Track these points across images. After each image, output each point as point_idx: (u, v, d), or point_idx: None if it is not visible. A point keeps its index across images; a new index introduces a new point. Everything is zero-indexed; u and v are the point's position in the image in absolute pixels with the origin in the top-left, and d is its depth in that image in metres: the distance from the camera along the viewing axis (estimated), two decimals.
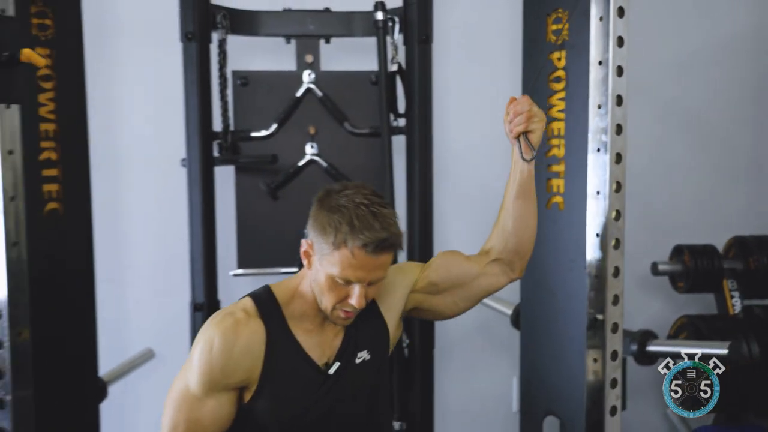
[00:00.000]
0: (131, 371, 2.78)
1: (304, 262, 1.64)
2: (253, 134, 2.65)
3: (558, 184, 2.33)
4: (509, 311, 2.81)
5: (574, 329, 2.23)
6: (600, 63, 2.09)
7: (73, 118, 2.19)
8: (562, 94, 2.30)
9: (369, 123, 2.71)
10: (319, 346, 1.68)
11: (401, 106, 2.69)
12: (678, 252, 2.94)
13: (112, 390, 2.56)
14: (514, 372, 3.23)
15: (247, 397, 1.62)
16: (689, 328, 2.78)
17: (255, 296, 1.68)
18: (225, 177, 2.75)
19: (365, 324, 1.73)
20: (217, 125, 2.63)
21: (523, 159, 1.69)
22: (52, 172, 2.11)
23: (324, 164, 2.68)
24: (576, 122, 2.19)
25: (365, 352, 1.71)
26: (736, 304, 2.84)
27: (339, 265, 1.55)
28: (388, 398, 1.84)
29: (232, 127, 2.64)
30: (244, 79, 2.70)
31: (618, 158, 2.08)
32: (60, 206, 2.13)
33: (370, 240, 1.52)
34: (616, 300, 2.10)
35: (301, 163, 2.67)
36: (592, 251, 2.18)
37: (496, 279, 1.81)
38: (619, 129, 2.08)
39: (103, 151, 2.52)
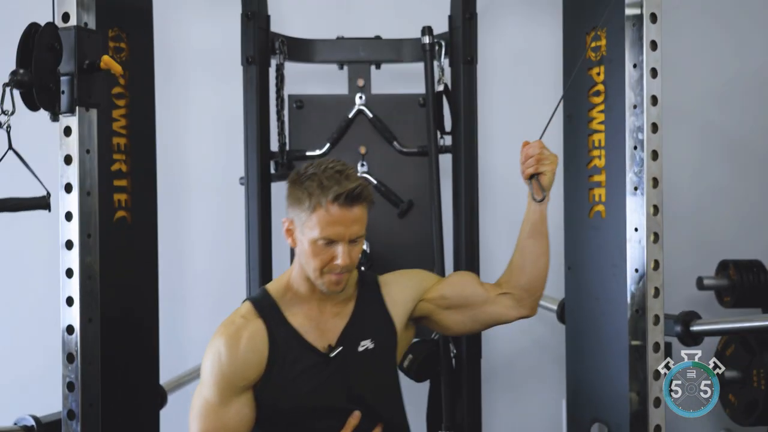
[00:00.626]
0: (190, 382, 2.90)
1: (288, 240, 1.79)
2: (308, 153, 2.80)
3: (599, 193, 2.40)
4: (554, 306, 2.87)
5: (617, 330, 2.28)
6: (635, 66, 2.20)
7: (143, 134, 2.34)
8: (601, 107, 2.40)
9: (417, 143, 2.85)
10: (320, 330, 1.80)
11: (448, 127, 2.83)
12: (723, 267, 2.97)
13: (171, 401, 2.66)
14: (563, 394, 3.27)
15: (257, 388, 1.75)
16: (737, 341, 2.80)
17: (252, 299, 1.85)
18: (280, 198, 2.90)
19: (369, 314, 1.85)
20: (274, 146, 2.80)
21: (534, 199, 1.82)
22: (122, 182, 2.25)
23: (374, 182, 2.81)
24: (615, 129, 2.28)
25: (369, 341, 1.82)
26: None
27: (318, 226, 1.69)
28: (399, 395, 1.91)
29: (287, 147, 2.80)
30: (299, 102, 2.87)
31: (654, 155, 2.16)
32: (128, 215, 2.26)
33: (339, 192, 1.67)
34: (657, 293, 2.15)
35: None
36: (631, 247, 2.23)
37: (506, 311, 1.93)
38: (654, 128, 2.16)
39: (167, 169, 2.70)
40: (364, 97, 2.86)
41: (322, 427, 1.77)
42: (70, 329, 2.01)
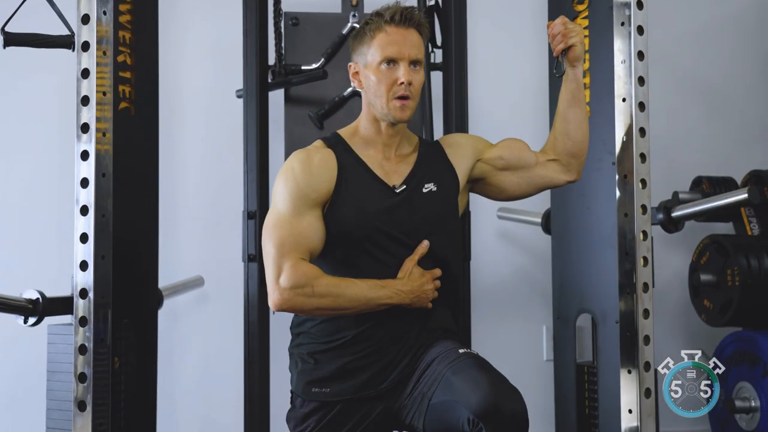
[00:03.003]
0: (184, 290, 2.99)
1: (354, 83, 1.94)
2: (303, 67, 2.88)
3: (585, 94, 2.53)
4: (538, 219, 2.99)
5: (604, 224, 2.41)
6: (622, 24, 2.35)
7: (147, 55, 2.40)
8: (585, 13, 2.52)
9: None
10: (385, 170, 1.91)
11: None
12: (697, 183, 3.12)
13: (165, 324, 2.76)
14: (544, 321, 3.39)
15: (326, 208, 1.85)
16: (713, 246, 2.95)
17: (322, 138, 1.96)
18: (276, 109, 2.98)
19: (433, 162, 1.98)
20: (271, 61, 2.87)
21: (563, 72, 1.96)
22: (126, 74, 2.30)
23: None
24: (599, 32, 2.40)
25: (432, 184, 1.94)
26: (754, 229, 3.01)
27: (379, 48, 1.85)
28: (458, 243, 2.03)
29: (284, 61, 2.87)
30: (295, 19, 2.95)
31: (641, 56, 2.30)
32: (132, 107, 2.32)
33: (394, 11, 1.86)
34: (644, 184, 2.28)
35: (345, 93, 2.90)
36: (619, 147, 2.35)
37: (556, 174, 2.04)
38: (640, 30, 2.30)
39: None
40: (357, 15, 2.94)
41: (386, 251, 1.86)
42: (84, 210, 2.09)
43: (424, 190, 1.92)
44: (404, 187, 1.91)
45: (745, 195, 2.54)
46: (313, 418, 1.88)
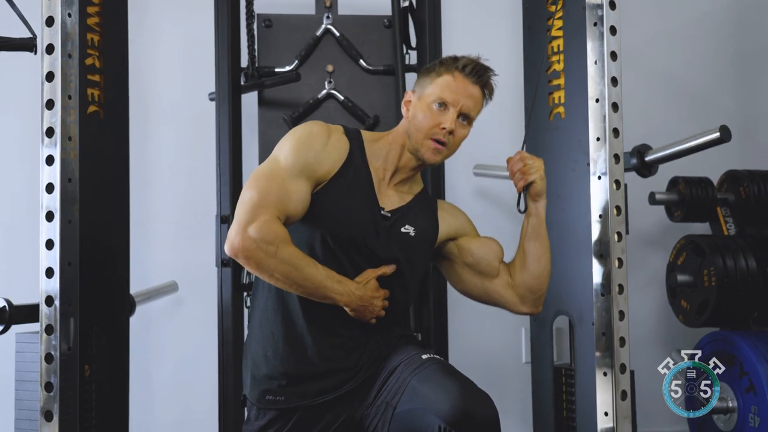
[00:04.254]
0: (157, 296, 2.95)
1: (403, 110, 1.93)
2: (277, 69, 2.85)
3: (559, 95, 2.52)
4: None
5: (579, 226, 2.39)
6: (595, 24, 2.33)
7: (116, 58, 2.37)
8: (560, 14, 2.51)
9: (382, 62, 2.91)
10: (381, 191, 1.90)
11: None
12: (674, 183, 3.12)
13: (139, 330, 2.73)
14: (523, 323, 3.37)
15: (316, 189, 1.82)
16: (690, 247, 2.95)
17: (344, 126, 1.95)
18: (249, 111, 2.95)
19: (422, 212, 1.99)
20: (244, 63, 2.84)
21: (524, 209, 1.98)
22: (95, 77, 2.27)
23: (341, 98, 2.88)
24: (573, 33, 2.40)
25: (413, 228, 1.92)
26: (730, 229, 3.01)
27: (439, 87, 1.86)
28: (415, 291, 2.01)
29: (257, 64, 2.84)
30: (268, 21, 2.91)
31: (613, 56, 2.29)
32: (101, 111, 2.28)
33: (468, 62, 1.88)
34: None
35: (319, 95, 2.87)
36: (593, 148, 2.34)
37: (512, 301, 2.03)
38: (613, 30, 2.29)
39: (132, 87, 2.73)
40: (331, 17, 2.92)
41: (349, 258, 1.84)
42: (49, 216, 2.05)
43: (403, 230, 1.90)
44: (390, 215, 1.89)
45: (717, 134, 2.56)
46: (270, 431, 1.83)
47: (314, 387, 1.81)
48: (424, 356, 1.79)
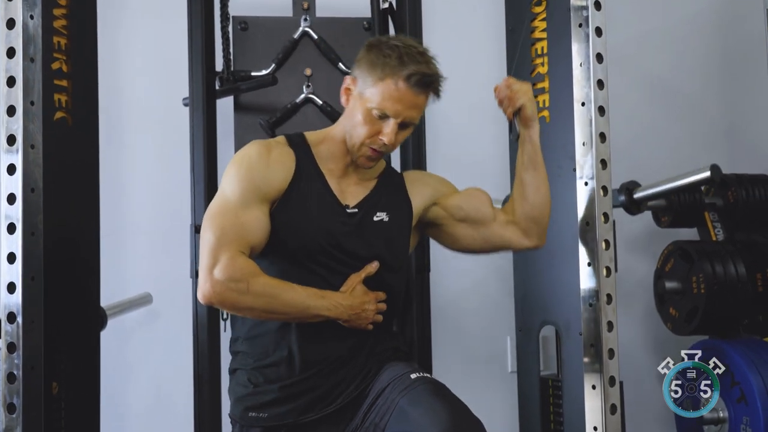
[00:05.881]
0: (130, 309, 2.85)
1: (342, 99, 1.82)
2: (253, 73, 2.76)
3: (543, 98, 2.45)
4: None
5: (566, 233, 2.32)
6: (580, 26, 2.26)
7: (85, 62, 2.29)
8: (543, 15, 2.44)
9: None
10: (341, 188, 1.81)
11: None
12: None
13: (112, 343, 2.63)
14: (508, 332, 3.31)
15: (272, 208, 1.75)
16: (677, 253, 2.89)
17: (286, 135, 1.87)
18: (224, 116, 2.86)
19: (390, 193, 1.89)
20: (218, 67, 2.74)
21: (517, 137, 1.90)
22: (62, 82, 2.18)
23: (319, 102, 2.80)
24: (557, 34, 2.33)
25: (385, 214, 1.84)
26: (718, 234, 2.95)
27: (380, 95, 1.71)
28: (404, 278, 1.92)
29: (232, 68, 2.75)
30: (243, 24, 2.83)
31: (599, 59, 2.22)
32: (69, 117, 2.20)
33: (415, 71, 1.70)
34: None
35: (297, 100, 2.79)
36: (579, 153, 2.27)
37: (515, 238, 1.95)
38: (598, 32, 2.22)
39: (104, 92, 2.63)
40: (309, 19, 2.83)
41: (326, 267, 1.77)
42: (11, 228, 1.95)
43: (375, 219, 1.83)
44: (356, 210, 1.81)
45: (708, 173, 2.50)
46: None
47: (298, 405, 1.74)
48: (413, 375, 1.72)
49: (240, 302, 1.67)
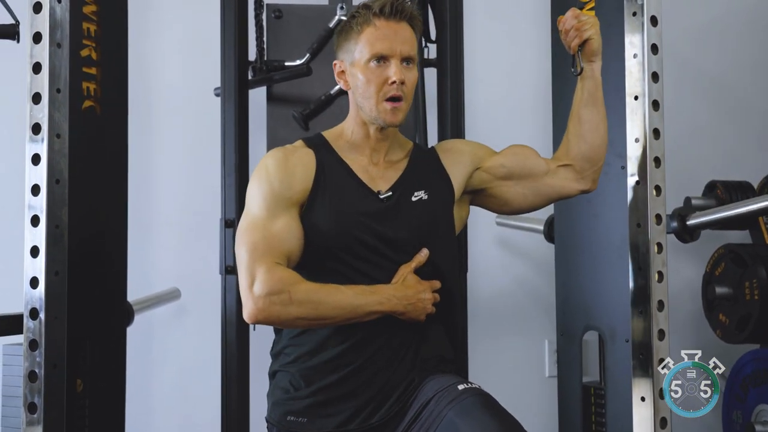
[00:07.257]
0: (158, 304, 2.79)
1: (341, 82, 1.78)
2: (287, 63, 2.68)
3: None
4: (540, 227, 2.81)
5: (613, 234, 2.21)
6: (634, 14, 2.14)
7: (115, 50, 2.24)
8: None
9: None
10: (371, 175, 1.74)
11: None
12: (711, 188, 2.93)
13: (139, 339, 2.57)
14: (546, 335, 3.20)
15: (302, 211, 1.69)
16: (729, 256, 2.76)
17: (303, 138, 1.81)
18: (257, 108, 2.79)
19: (425, 169, 1.80)
20: (252, 57, 2.66)
21: (580, 71, 1.78)
22: (91, 70, 2.12)
23: None
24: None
25: (423, 192, 1.75)
26: None
27: (367, 44, 1.68)
28: (455, 254, 1.82)
29: (266, 57, 2.67)
30: (278, 12, 2.74)
31: (654, 50, 2.10)
32: (97, 106, 2.14)
33: (383, 3, 1.68)
34: (658, 191, 2.08)
35: (332, 91, 2.70)
36: (631, 150, 2.15)
37: (568, 183, 1.84)
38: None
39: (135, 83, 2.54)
40: (345, 8, 2.73)
41: (368, 262, 1.69)
42: (35, 220, 1.89)
43: (414, 199, 1.73)
44: (390, 193, 1.72)
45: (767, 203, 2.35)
46: None
47: (340, 415, 1.67)
48: (461, 386, 1.63)
49: (285, 314, 1.60)
